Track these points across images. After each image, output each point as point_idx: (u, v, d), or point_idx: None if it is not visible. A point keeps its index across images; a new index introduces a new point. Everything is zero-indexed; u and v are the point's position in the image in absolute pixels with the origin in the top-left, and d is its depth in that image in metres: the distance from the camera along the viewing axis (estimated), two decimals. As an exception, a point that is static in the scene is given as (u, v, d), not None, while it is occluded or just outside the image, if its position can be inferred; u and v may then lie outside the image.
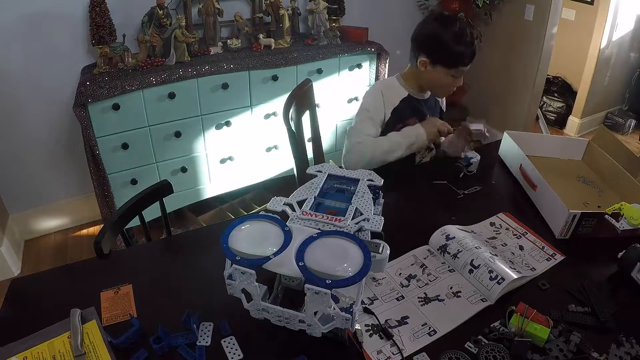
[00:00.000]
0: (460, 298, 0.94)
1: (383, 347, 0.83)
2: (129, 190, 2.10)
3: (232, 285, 0.79)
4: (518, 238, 1.13)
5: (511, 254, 1.06)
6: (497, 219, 1.20)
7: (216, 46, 2.23)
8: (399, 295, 0.95)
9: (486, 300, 0.93)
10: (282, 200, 0.89)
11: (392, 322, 0.88)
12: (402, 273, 1.01)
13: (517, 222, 1.18)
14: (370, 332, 0.86)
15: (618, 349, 0.82)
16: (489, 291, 0.93)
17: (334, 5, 2.45)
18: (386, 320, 0.89)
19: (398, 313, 0.90)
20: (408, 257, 1.06)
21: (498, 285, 0.92)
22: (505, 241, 1.11)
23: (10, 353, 0.81)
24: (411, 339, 0.85)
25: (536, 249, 1.09)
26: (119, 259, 1.12)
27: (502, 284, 0.92)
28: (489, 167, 1.46)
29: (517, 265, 1.01)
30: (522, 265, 1.03)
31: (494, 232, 1.15)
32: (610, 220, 1.06)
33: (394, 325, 0.88)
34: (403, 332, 0.86)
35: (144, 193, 1.25)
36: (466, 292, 0.95)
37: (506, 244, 1.10)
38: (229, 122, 2.21)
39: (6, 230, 2.23)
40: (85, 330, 0.85)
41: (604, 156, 1.39)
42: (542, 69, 2.91)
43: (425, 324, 0.88)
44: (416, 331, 0.87)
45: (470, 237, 1.07)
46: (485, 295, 0.94)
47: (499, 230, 1.15)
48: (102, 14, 1.94)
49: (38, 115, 2.18)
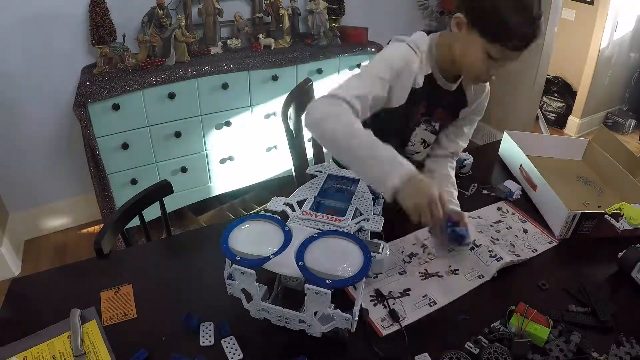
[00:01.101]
0: (459, 275, 1.01)
1: (386, 315, 0.91)
2: (129, 190, 2.10)
3: (232, 285, 0.79)
4: (523, 222, 1.19)
5: (514, 237, 1.13)
6: (504, 205, 1.26)
7: (216, 46, 2.23)
8: (401, 270, 1.02)
9: (483, 277, 1.00)
10: (282, 200, 0.90)
11: (395, 294, 0.95)
12: (404, 251, 1.08)
13: (518, 212, 1.24)
14: (375, 302, 0.93)
15: (618, 349, 0.82)
16: (487, 267, 1.00)
17: (334, 5, 2.45)
18: (389, 292, 0.95)
19: (401, 285, 0.98)
20: (410, 237, 1.12)
21: (497, 262, 0.99)
22: (510, 224, 1.18)
23: (10, 353, 0.81)
24: (412, 308, 0.92)
25: (539, 232, 1.15)
26: (119, 259, 1.12)
27: (500, 262, 0.99)
28: (489, 168, 1.46)
29: (518, 248, 1.09)
30: (523, 247, 1.10)
31: (500, 216, 1.21)
32: (610, 220, 1.06)
33: (397, 296, 0.95)
34: (405, 302, 0.94)
35: (144, 193, 1.25)
36: (464, 269, 1.03)
37: (511, 227, 1.17)
38: (229, 122, 2.21)
39: (6, 230, 2.23)
40: (85, 330, 0.85)
41: (604, 156, 1.39)
42: (542, 69, 2.90)
43: (425, 296, 0.96)
44: (417, 302, 0.94)
45: (475, 223, 1.14)
46: (483, 271, 1.01)
47: (505, 215, 1.22)
48: (102, 14, 1.94)
49: (38, 115, 2.18)
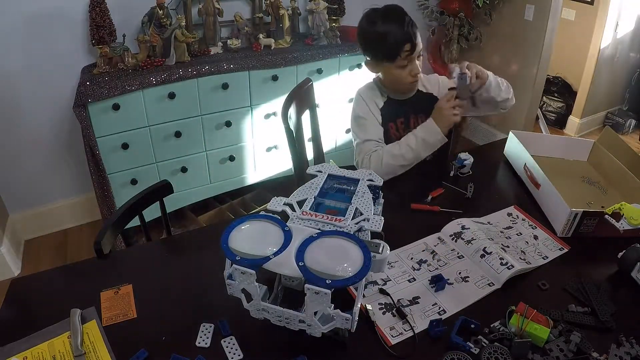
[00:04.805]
0: (469, 282, 0.99)
1: (395, 324, 0.89)
2: (129, 190, 2.10)
3: (232, 285, 0.79)
4: (533, 229, 1.17)
5: (525, 243, 1.11)
6: (514, 210, 1.24)
7: (216, 46, 2.23)
8: (410, 277, 1.00)
9: (493, 285, 0.97)
10: (282, 200, 0.89)
11: (404, 302, 0.94)
12: (413, 257, 1.06)
13: (529, 217, 1.22)
14: (384, 310, 0.91)
15: (618, 349, 0.82)
16: (498, 274, 0.98)
17: (334, 5, 2.45)
18: (399, 300, 0.94)
19: (410, 294, 0.96)
20: (419, 243, 1.11)
21: (508, 270, 0.97)
22: (521, 230, 1.16)
23: (10, 353, 0.81)
24: (422, 317, 0.90)
25: (550, 239, 1.13)
26: (119, 259, 1.12)
27: (511, 270, 0.96)
28: (494, 167, 1.46)
29: (528, 256, 1.06)
30: (534, 254, 1.07)
31: (510, 222, 1.19)
32: (611, 220, 1.06)
33: (405, 304, 0.93)
34: (414, 310, 0.92)
35: (144, 193, 1.25)
36: (474, 277, 1.00)
37: (521, 233, 1.15)
38: (229, 122, 2.21)
39: (6, 230, 2.23)
40: (85, 330, 0.85)
41: (609, 157, 1.38)
42: (542, 69, 2.90)
43: (435, 304, 0.93)
44: (427, 310, 0.92)
45: (485, 229, 1.12)
46: (494, 279, 0.98)
47: (515, 221, 1.20)
48: (102, 14, 1.94)
49: (38, 115, 2.18)
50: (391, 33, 1.25)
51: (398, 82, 1.35)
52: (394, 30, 1.25)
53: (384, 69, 1.34)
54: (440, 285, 0.96)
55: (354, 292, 0.87)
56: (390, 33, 1.25)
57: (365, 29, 1.32)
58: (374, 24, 1.29)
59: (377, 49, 1.31)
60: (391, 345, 0.84)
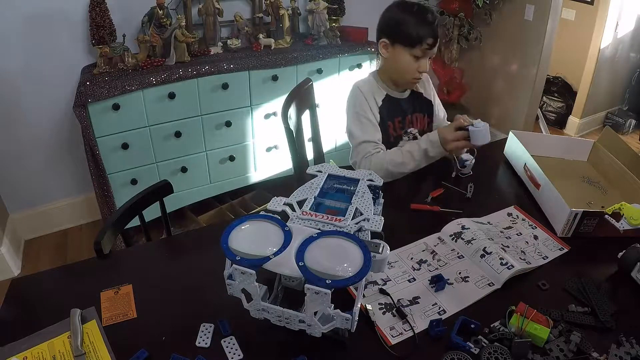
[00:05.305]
0: (469, 283, 0.99)
1: (395, 324, 0.88)
2: (129, 190, 2.10)
3: (232, 285, 0.79)
4: (533, 229, 1.17)
5: (525, 243, 1.11)
6: (514, 210, 1.24)
7: (216, 46, 2.23)
8: (410, 277, 1.00)
9: (493, 285, 0.97)
10: (282, 200, 0.89)
11: (404, 302, 0.93)
12: (413, 257, 1.06)
13: (529, 217, 1.21)
14: (384, 310, 0.91)
15: (618, 349, 0.82)
16: (498, 274, 0.98)
17: (334, 5, 2.45)
18: (399, 300, 0.94)
19: (410, 293, 0.96)
20: (419, 243, 1.11)
21: (508, 270, 0.97)
22: (521, 230, 1.16)
23: (10, 353, 0.81)
24: (422, 317, 0.90)
25: (550, 239, 1.13)
26: (119, 259, 1.12)
27: (511, 270, 0.96)
28: (494, 167, 1.46)
29: (528, 255, 1.06)
30: (534, 254, 1.07)
31: (510, 222, 1.19)
32: (611, 220, 1.06)
33: (406, 304, 0.93)
34: (414, 310, 0.92)
35: (144, 193, 1.25)
36: (474, 277, 1.00)
37: (521, 233, 1.15)
38: (229, 122, 2.21)
39: (6, 230, 2.23)
40: (85, 330, 0.85)
41: (609, 157, 1.38)
42: (542, 69, 2.90)
43: (435, 304, 0.93)
44: (427, 310, 0.92)
45: (485, 229, 1.12)
46: (493, 279, 0.98)
47: (515, 221, 1.20)
48: (102, 14, 1.94)
49: (38, 115, 2.18)
50: (422, 23, 1.32)
51: (403, 72, 1.39)
52: (424, 22, 1.32)
53: (396, 53, 1.36)
54: (440, 285, 0.96)
55: (354, 292, 0.88)
56: (421, 22, 1.32)
57: (397, 11, 1.37)
58: (409, 9, 1.35)
59: (401, 32, 1.34)
60: (391, 345, 0.84)
